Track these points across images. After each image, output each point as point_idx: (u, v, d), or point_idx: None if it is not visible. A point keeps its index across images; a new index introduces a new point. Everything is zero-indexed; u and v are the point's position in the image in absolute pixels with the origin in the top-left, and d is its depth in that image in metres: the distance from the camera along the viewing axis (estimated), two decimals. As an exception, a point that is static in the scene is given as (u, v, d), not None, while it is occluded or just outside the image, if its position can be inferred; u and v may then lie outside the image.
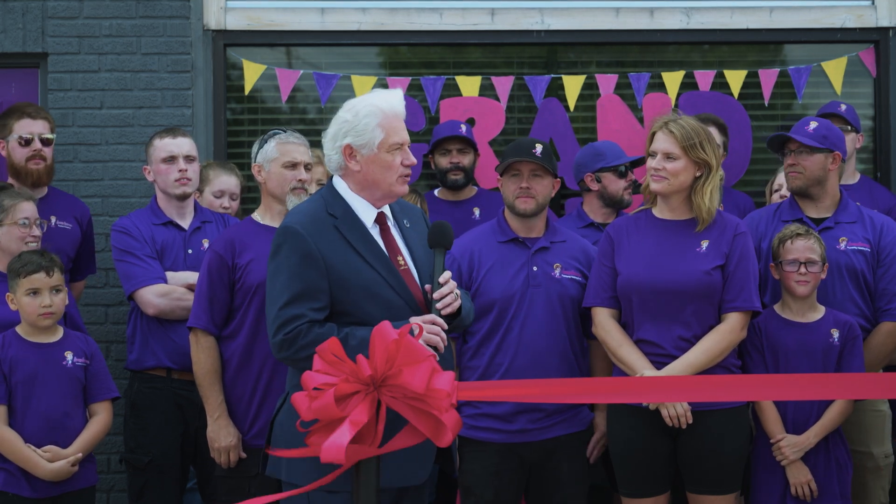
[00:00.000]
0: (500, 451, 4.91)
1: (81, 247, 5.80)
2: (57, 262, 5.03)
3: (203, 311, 4.98)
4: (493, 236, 5.05)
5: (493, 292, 4.93)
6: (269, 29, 6.59)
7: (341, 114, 4.13)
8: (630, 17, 6.65)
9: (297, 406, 3.71)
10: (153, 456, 5.37)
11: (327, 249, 4.00)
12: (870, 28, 6.66)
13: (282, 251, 4.01)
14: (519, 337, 4.89)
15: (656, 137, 4.82)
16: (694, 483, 4.83)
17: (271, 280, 4.04)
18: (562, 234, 5.09)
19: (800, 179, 5.29)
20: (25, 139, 5.62)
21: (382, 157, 4.09)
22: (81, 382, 5.04)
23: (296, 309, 3.95)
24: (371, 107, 4.08)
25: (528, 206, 4.96)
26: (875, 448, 5.25)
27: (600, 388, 4.40)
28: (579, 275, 5.00)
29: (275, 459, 4.07)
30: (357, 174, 4.10)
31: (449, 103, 6.61)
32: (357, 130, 4.07)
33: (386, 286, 4.04)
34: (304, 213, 4.09)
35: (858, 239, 5.23)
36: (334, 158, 4.12)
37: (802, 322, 5.03)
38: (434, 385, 3.66)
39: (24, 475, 4.92)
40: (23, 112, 5.68)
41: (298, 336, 3.93)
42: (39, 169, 5.64)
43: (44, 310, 4.96)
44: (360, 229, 4.08)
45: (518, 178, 4.97)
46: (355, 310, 4.00)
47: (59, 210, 5.69)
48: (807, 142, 5.24)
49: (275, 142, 5.04)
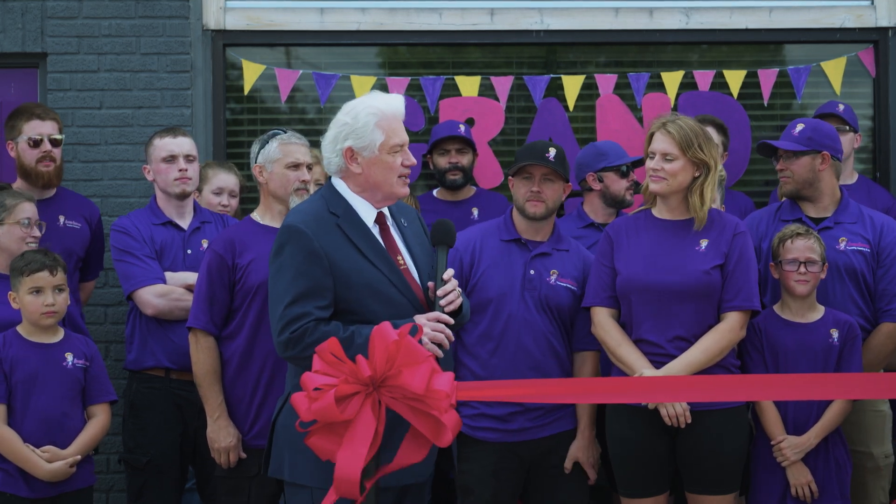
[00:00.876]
0: (499, 451, 4.91)
1: (91, 246, 5.79)
2: (60, 262, 5.04)
3: (202, 311, 4.98)
4: (497, 234, 5.05)
5: (489, 290, 4.93)
6: (269, 29, 6.59)
7: (340, 117, 4.13)
8: (629, 17, 6.65)
9: (297, 407, 3.71)
10: (152, 456, 5.37)
11: (331, 248, 4.00)
12: (869, 28, 6.67)
13: (286, 250, 4.01)
14: (513, 338, 4.89)
15: (655, 138, 4.83)
16: (693, 483, 4.83)
17: (275, 278, 4.03)
18: (566, 243, 5.08)
19: (789, 184, 5.31)
20: (35, 140, 5.61)
21: (383, 158, 4.09)
22: (81, 384, 5.04)
23: (301, 307, 3.94)
24: (371, 108, 4.09)
25: (537, 209, 4.97)
26: (875, 448, 5.25)
27: (599, 389, 4.41)
28: (575, 284, 4.99)
29: (277, 459, 4.06)
30: (358, 176, 4.11)
31: (448, 103, 6.61)
32: (358, 133, 4.08)
33: (389, 284, 4.05)
34: (307, 212, 4.09)
35: (858, 239, 5.22)
36: (335, 161, 4.12)
37: (802, 322, 5.03)
38: (434, 386, 3.66)
39: (22, 475, 4.92)
40: (32, 113, 5.67)
41: (305, 334, 3.93)
42: (50, 171, 5.63)
43: (46, 308, 4.96)
44: (361, 228, 4.09)
45: (529, 181, 4.97)
46: (359, 308, 4.00)
47: (68, 210, 5.69)
48: (789, 147, 5.25)
49: (277, 142, 5.03)
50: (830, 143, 5.30)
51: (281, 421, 4.06)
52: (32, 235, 5.25)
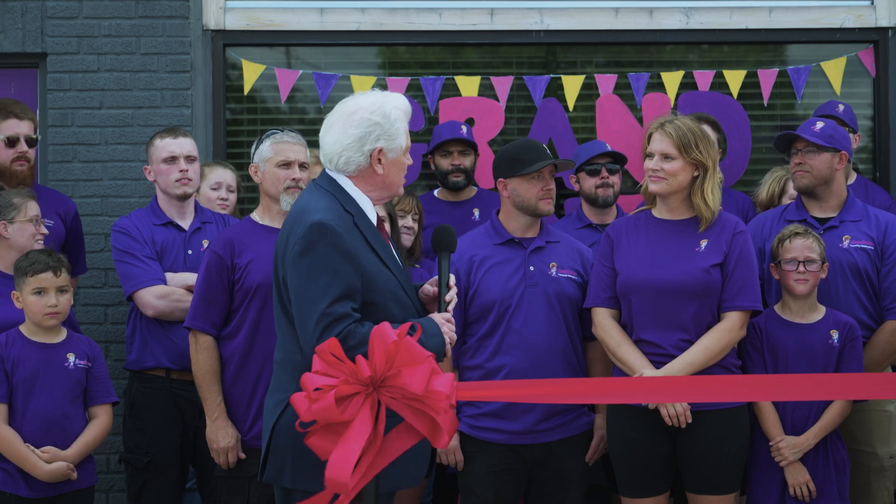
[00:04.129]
0: (502, 451, 4.91)
1: (67, 244, 5.78)
2: (64, 263, 5.05)
3: (201, 311, 4.97)
4: (488, 238, 5.05)
5: (491, 293, 4.93)
6: (269, 29, 6.59)
7: (365, 115, 3.97)
8: (629, 17, 6.65)
9: (297, 407, 3.69)
10: (152, 456, 5.37)
11: (356, 247, 3.90)
12: (869, 28, 6.67)
13: (318, 248, 3.84)
14: (518, 337, 4.89)
15: (653, 138, 4.84)
16: (693, 483, 4.83)
17: (306, 278, 3.85)
18: (555, 235, 5.10)
19: (806, 178, 5.30)
20: (11, 140, 5.62)
21: (402, 160, 4.05)
22: (82, 385, 5.04)
23: (342, 307, 3.81)
24: (399, 109, 4.01)
25: (551, 207, 5.01)
26: (880, 448, 5.24)
27: (600, 388, 4.41)
28: (575, 274, 5.01)
29: (275, 465, 3.95)
30: (377, 177, 4.02)
31: (448, 103, 6.61)
32: (389, 134, 3.98)
33: (399, 286, 4.00)
34: (328, 209, 3.92)
35: (862, 237, 5.23)
36: (356, 160, 3.98)
37: (802, 323, 5.03)
38: (433, 387, 3.66)
39: (22, 475, 4.92)
40: (10, 112, 5.66)
41: (349, 337, 3.79)
42: (24, 170, 5.64)
43: (49, 309, 4.96)
44: (372, 229, 4.01)
45: (541, 180, 4.98)
46: (381, 310, 3.91)
47: (41, 208, 5.67)
48: (815, 140, 5.25)
49: (270, 141, 5.02)
50: (847, 145, 5.35)
51: (283, 426, 3.93)
52: (41, 233, 5.28)
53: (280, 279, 3.98)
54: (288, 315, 3.96)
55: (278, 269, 3.99)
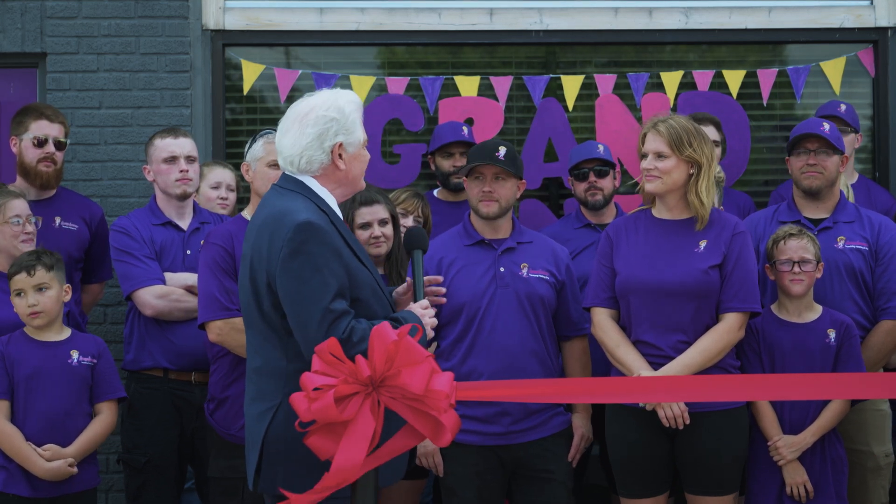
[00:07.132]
0: (481, 453, 4.87)
1: (91, 249, 5.78)
2: (44, 261, 5.00)
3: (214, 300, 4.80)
4: (459, 240, 5.03)
5: (461, 295, 4.89)
6: (268, 29, 6.59)
7: (321, 113, 3.96)
8: (629, 17, 6.65)
9: (296, 407, 3.69)
10: (150, 456, 5.37)
11: (340, 246, 3.90)
12: (868, 28, 6.67)
13: (308, 247, 3.81)
14: (489, 338, 4.86)
15: (647, 138, 4.84)
16: (692, 484, 4.83)
17: (300, 277, 3.81)
18: (528, 235, 5.06)
19: (819, 179, 5.30)
20: (40, 140, 5.62)
21: (361, 153, 4.05)
22: (87, 382, 5.04)
23: (341, 304, 3.81)
24: (352, 103, 4.02)
25: (490, 209, 4.94)
26: (876, 447, 5.25)
27: (597, 389, 4.41)
28: (547, 274, 4.97)
29: (268, 476, 3.89)
30: (339, 173, 4.01)
31: (448, 103, 6.61)
32: (347, 128, 3.98)
33: (376, 283, 4.01)
34: (309, 209, 3.91)
35: (857, 238, 5.24)
36: (318, 158, 3.97)
37: (799, 322, 5.04)
38: (433, 386, 3.66)
39: (25, 475, 4.92)
40: (41, 113, 5.68)
41: (353, 333, 3.80)
42: (49, 172, 5.65)
43: (30, 310, 4.96)
44: (345, 226, 4.02)
45: (481, 181, 4.95)
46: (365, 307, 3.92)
47: (65, 211, 5.69)
48: (833, 142, 5.27)
49: (263, 140, 5.00)
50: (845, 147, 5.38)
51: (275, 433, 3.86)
52: (25, 232, 5.24)
53: (258, 285, 3.91)
54: (267, 320, 3.90)
55: (256, 275, 3.91)
